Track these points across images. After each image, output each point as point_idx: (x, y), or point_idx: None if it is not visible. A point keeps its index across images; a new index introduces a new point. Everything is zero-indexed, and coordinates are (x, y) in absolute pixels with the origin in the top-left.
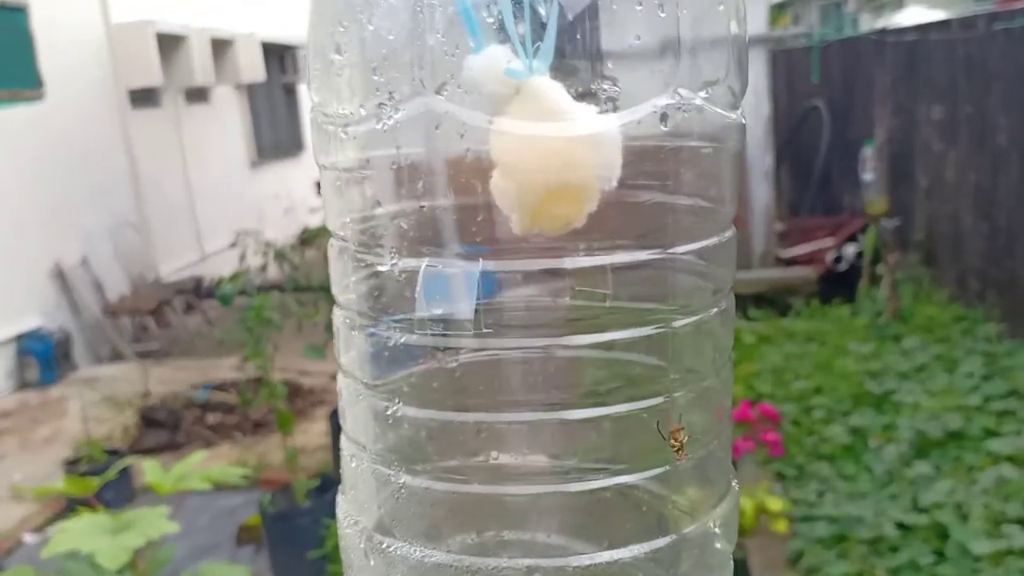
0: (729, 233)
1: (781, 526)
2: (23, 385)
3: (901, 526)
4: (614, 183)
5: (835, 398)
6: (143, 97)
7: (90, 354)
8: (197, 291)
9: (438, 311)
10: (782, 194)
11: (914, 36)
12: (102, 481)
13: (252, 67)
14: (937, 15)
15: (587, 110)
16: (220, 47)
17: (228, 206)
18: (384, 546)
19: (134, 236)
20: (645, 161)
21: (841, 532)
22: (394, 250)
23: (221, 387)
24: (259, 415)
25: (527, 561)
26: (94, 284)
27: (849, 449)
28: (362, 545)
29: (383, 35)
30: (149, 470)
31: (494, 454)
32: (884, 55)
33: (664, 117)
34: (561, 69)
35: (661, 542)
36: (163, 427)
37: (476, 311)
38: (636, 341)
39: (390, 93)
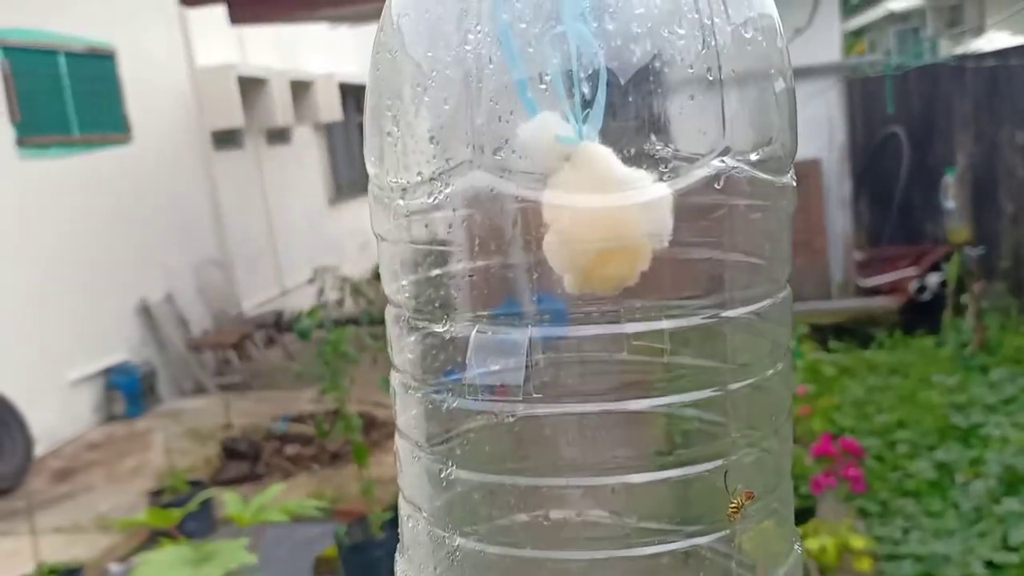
0: (784, 293)
1: (865, 565)
2: (110, 418)
3: (990, 565)
4: (666, 243)
5: (919, 432)
6: (225, 139)
7: (174, 387)
8: (277, 325)
9: (488, 377)
10: (861, 222)
11: (994, 61)
12: (183, 513)
13: (330, 107)
14: (1018, 40)
15: (637, 175)
16: (299, 88)
17: (307, 243)
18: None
19: (217, 273)
20: (698, 220)
21: (928, 571)
22: (447, 315)
23: (299, 419)
24: (336, 447)
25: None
26: (178, 320)
27: (935, 485)
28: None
29: (438, 105)
30: (230, 502)
31: (550, 514)
32: (964, 81)
33: (715, 179)
34: (612, 132)
35: None
36: (244, 458)
37: (527, 377)
38: (695, 402)
39: (446, 160)
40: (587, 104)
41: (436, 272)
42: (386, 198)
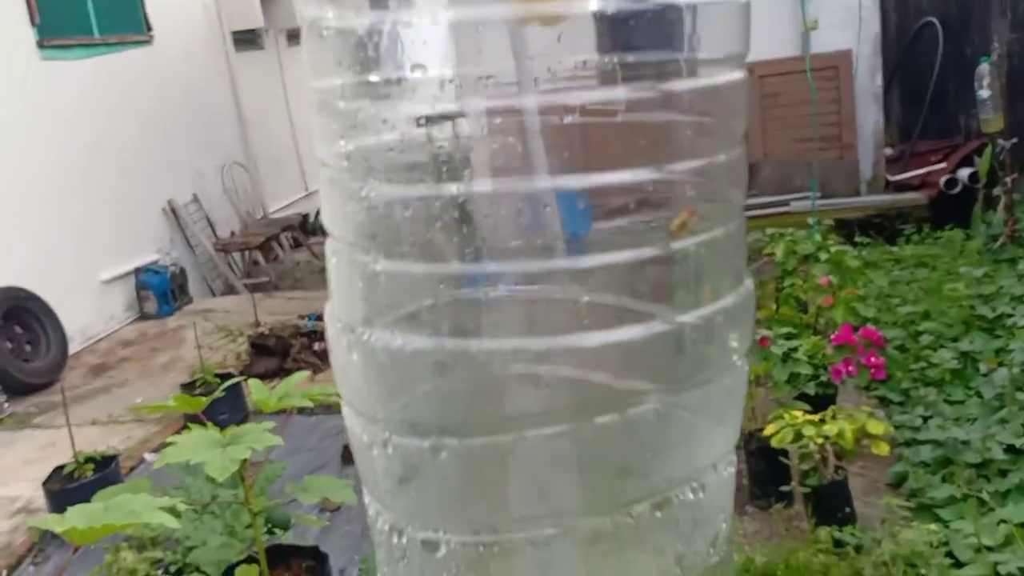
0: None
1: (883, 449)
2: (142, 316)
3: (1011, 449)
4: None
5: (944, 323)
6: (246, 39)
7: (204, 287)
8: (303, 227)
9: None
10: (893, 117)
11: None
12: (211, 399)
13: None
14: None
15: None
16: None
17: None
18: (366, 338)
19: (242, 175)
20: None
21: (947, 456)
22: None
23: None
24: None
25: (514, 342)
26: (205, 221)
27: (957, 374)
28: (345, 342)
29: None
30: (255, 388)
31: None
32: None
33: None
34: None
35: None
36: (272, 354)
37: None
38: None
39: None
40: None
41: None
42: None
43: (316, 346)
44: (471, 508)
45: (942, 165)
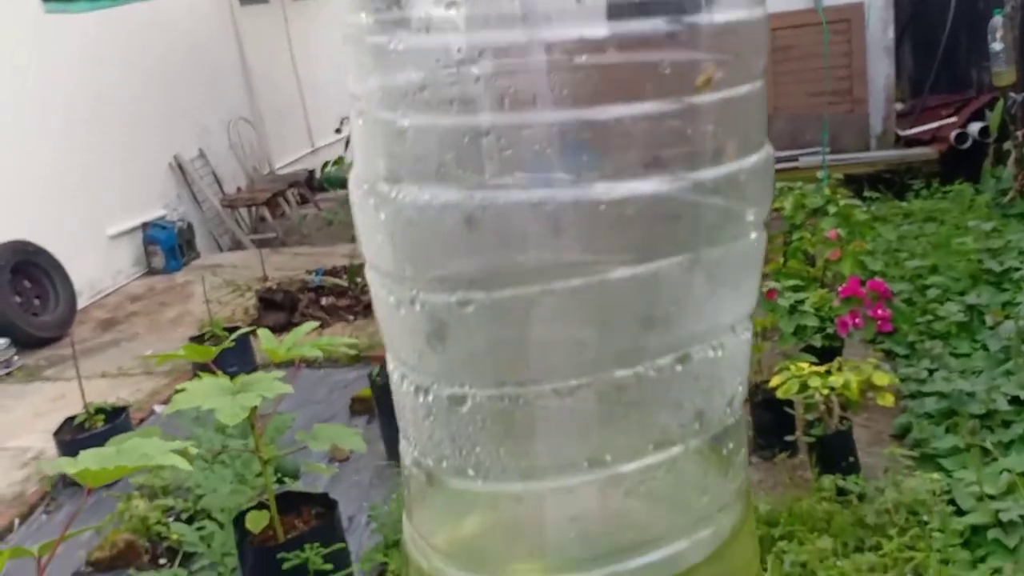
0: None
1: (888, 400)
2: (150, 271)
3: (1016, 401)
4: None
5: (951, 277)
6: None
7: (211, 243)
8: (309, 183)
9: None
10: (904, 71)
11: None
12: (221, 348)
13: None
14: None
15: None
16: None
17: (336, 101)
18: (393, 195)
19: (248, 130)
20: None
21: (951, 407)
22: None
23: (333, 273)
24: (369, 298)
25: (540, 193)
26: (212, 176)
27: (964, 327)
28: (371, 203)
29: None
30: (264, 338)
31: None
32: None
33: None
34: None
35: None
36: (280, 309)
37: None
38: None
39: None
40: None
41: None
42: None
43: (324, 301)
44: (497, 362)
45: (953, 119)
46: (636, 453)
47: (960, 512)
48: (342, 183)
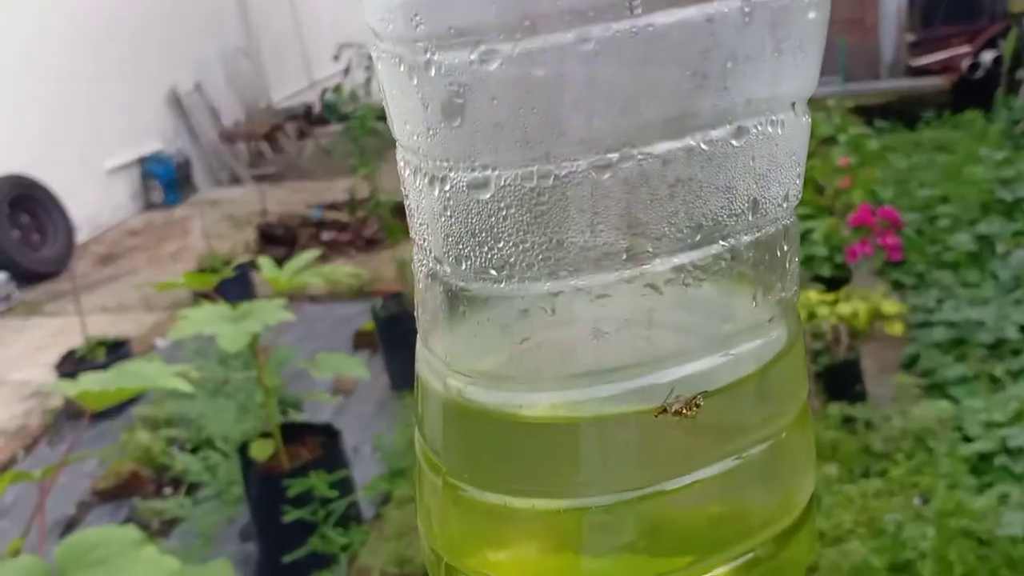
0: None
1: (896, 329)
2: (148, 206)
3: None
4: None
5: (962, 206)
6: None
7: (209, 177)
8: (308, 117)
9: None
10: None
11: None
12: (221, 276)
13: None
14: None
15: None
16: None
17: (334, 33)
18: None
19: (245, 63)
20: None
21: (960, 336)
22: None
23: (334, 207)
24: (371, 232)
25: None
26: (209, 110)
27: (974, 257)
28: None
29: None
30: (265, 267)
31: None
32: None
33: None
34: None
35: None
36: (281, 243)
37: None
38: None
39: None
40: None
41: None
42: None
43: (324, 236)
44: (525, 134)
45: (965, 49)
46: (680, 245)
47: (967, 440)
48: (341, 116)
